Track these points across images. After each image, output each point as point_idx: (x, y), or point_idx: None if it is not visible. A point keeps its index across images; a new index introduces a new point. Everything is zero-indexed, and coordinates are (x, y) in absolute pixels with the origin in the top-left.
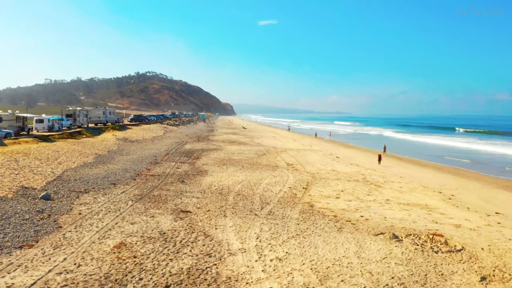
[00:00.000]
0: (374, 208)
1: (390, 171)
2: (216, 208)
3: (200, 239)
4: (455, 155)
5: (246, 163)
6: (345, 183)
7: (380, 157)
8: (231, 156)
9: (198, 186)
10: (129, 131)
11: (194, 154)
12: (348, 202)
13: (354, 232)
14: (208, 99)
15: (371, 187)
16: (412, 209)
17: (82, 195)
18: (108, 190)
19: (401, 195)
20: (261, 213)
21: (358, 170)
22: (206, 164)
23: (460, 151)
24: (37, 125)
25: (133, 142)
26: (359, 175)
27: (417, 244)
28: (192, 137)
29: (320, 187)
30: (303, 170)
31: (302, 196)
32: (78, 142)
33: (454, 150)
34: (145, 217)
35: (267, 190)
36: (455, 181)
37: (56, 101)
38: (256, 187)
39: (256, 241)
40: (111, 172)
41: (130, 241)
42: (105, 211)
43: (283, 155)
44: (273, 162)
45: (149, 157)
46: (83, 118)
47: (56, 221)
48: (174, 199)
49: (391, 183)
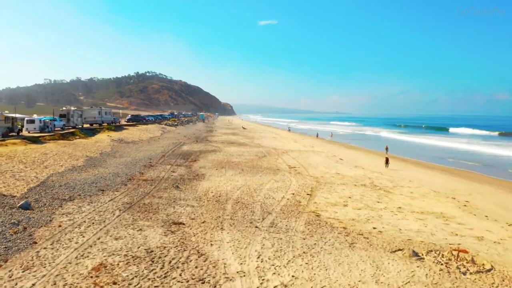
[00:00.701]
0: (387, 218)
1: (397, 174)
2: (213, 219)
3: (193, 259)
4: (457, 156)
5: (246, 166)
6: (352, 188)
7: (388, 160)
8: (230, 158)
9: (194, 192)
10: (125, 131)
11: (192, 156)
12: (358, 210)
13: (368, 249)
14: (208, 99)
15: (380, 193)
16: (427, 218)
17: (66, 204)
18: (95, 198)
19: (413, 202)
20: (263, 225)
21: (364, 174)
22: (204, 167)
23: (459, 152)
24: (28, 126)
25: (128, 143)
26: (365, 179)
27: (441, 263)
28: (191, 138)
29: (325, 193)
30: (306, 173)
31: (307, 204)
32: (69, 143)
33: (455, 151)
34: (132, 231)
35: (269, 197)
36: (466, 185)
37: (56, 101)
38: (256, 194)
39: (257, 261)
40: (101, 177)
41: (111, 261)
42: (88, 223)
43: (285, 157)
44: (274, 165)
45: (143, 159)
46: (77, 118)
47: (32, 236)
48: (166, 208)
49: (401, 188)
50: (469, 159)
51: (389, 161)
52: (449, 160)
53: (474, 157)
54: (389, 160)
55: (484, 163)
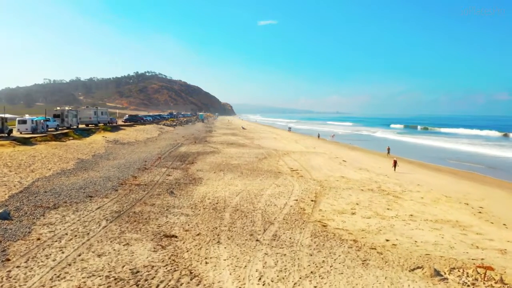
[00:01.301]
0: (399, 228)
1: (404, 177)
2: (209, 231)
3: (184, 281)
4: (460, 158)
5: (246, 169)
6: (358, 193)
7: (396, 162)
8: (229, 160)
9: (189, 199)
10: (121, 132)
11: (189, 158)
12: (367, 219)
13: (384, 267)
14: (208, 99)
15: (389, 199)
16: (443, 227)
17: (49, 212)
18: (81, 205)
19: (425, 209)
20: (264, 238)
21: (370, 177)
22: (201, 170)
23: (462, 154)
24: (20, 127)
25: (124, 144)
26: (372, 182)
27: (467, 285)
28: (189, 138)
29: (331, 199)
30: (309, 177)
31: (312, 212)
32: (61, 145)
33: (458, 153)
34: (118, 245)
35: (270, 204)
36: (476, 189)
37: (55, 101)
38: (257, 200)
39: (258, 283)
40: (91, 181)
41: (90, 284)
42: (71, 235)
43: (286, 159)
44: (275, 167)
45: (138, 162)
46: (72, 118)
47: (6, 251)
48: (158, 218)
49: (410, 192)
50: (474, 160)
51: (397, 164)
52: (452, 162)
53: (479, 158)
54: (397, 163)
55: (489, 165)
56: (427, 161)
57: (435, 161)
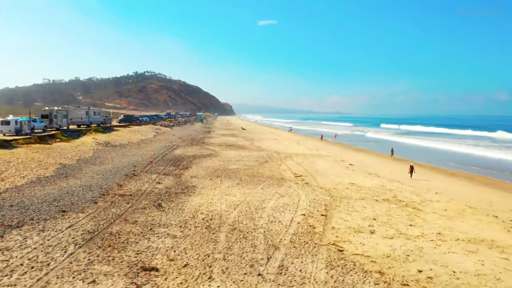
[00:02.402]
0: (429, 251)
1: (419, 184)
2: (199, 260)
3: None
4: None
5: (245, 175)
6: (373, 204)
7: (413, 169)
8: (227, 164)
9: (179, 213)
10: (114, 133)
11: (184, 162)
12: (390, 240)
13: None
14: (208, 99)
15: (409, 211)
16: (478, 250)
17: (10, 233)
18: (50, 223)
19: (452, 224)
20: (268, 271)
21: (382, 184)
22: (196, 176)
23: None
24: (3, 128)
25: (115, 146)
26: (386, 191)
27: None
28: (186, 140)
29: (343, 212)
30: (316, 184)
31: (324, 231)
32: (44, 148)
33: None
34: (81, 284)
35: (274, 221)
36: (499, 196)
37: (54, 101)
38: (258, 215)
39: None
40: (68, 192)
41: None
42: (26, 267)
43: (288, 162)
44: (278, 173)
45: (127, 167)
46: (61, 119)
47: None
48: (138, 241)
49: (430, 202)
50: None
51: (414, 170)
52: (467, 166)
53: (490, 162)
54: (414, 168)
55: (502, 168)
56: (437, 164)
57: (445, 164)
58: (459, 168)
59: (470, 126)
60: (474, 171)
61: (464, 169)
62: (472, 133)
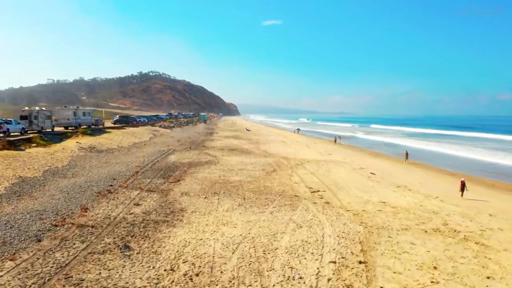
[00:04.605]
0: None
1: (462, 200)
2: None
3: None
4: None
5: (250, 190)
6: (424, 239)
7: (464, 185)
8: (228, 175)
9: (152, 262)
10: (104, 136)
11: (176, 172)
12: None
13: None
14: (212, 99)
15: (474, 250)
16: None
17: None
18: None
19: None
20: None
21: (419, 201)
22: (187, 193)
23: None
24: None
25: (100, 152)
26: (428, 213)
27: None
28: (184, 143)
29: (388, 255)
30: (339, 204)
31: None
32: (8, 156)
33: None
34: None
35: (292, 277)
36: None
37: (57, 101)
38: (268, 264)
39: None
40: (8, 222)
41: None
42: None
43: (300, 172)
44: (289, 186)
45: (104, 180)
46: (44, 120)
47: None
48: None
49: (491, 232)
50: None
51: (466, 188)
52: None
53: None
54: (465, 185)
55: None
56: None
57: (474, 172)
58: (491, 177)
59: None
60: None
61: (500, 178)
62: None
